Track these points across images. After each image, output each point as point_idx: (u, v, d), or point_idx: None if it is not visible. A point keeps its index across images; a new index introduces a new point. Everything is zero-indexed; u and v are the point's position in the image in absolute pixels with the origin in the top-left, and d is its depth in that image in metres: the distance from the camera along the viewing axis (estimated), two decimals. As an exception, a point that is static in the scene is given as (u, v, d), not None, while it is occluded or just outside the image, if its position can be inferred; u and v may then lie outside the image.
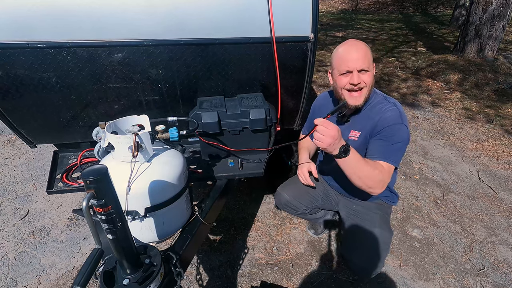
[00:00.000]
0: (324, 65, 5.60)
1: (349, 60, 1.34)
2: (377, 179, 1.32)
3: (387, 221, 1.64)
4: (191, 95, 1.64)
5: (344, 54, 1.37)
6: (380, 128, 1.40)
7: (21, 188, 2.56)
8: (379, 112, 1.43)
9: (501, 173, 2.76)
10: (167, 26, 1.41)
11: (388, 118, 1.39)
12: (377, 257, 1.55)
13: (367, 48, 1.37)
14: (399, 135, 1.37)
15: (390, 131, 1.37)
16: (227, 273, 1.85)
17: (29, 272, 1.87)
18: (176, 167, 1.18)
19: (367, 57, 1.35)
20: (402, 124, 1.37)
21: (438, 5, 11.19)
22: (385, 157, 1.35)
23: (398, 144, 1.37)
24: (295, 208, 1.83)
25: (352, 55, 1.34)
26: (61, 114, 1.61)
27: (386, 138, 1.38)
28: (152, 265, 0.99)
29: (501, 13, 4.52)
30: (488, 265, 1.91)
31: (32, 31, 1.34)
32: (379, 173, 1.31)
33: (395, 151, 1.37)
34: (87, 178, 0.72)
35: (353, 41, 1.40)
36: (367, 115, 1.47)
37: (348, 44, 1.39)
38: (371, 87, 1.41)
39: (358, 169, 1.28)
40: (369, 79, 1.37)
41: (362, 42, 1.39)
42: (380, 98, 1.48)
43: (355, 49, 1.35)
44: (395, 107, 1.43)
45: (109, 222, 0.80)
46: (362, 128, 1.48)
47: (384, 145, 1.38)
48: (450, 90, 4.46)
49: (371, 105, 1.47)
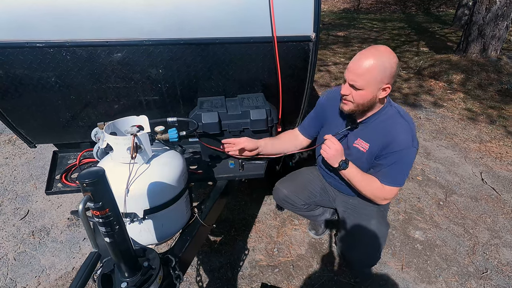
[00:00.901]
0: (326, 65, 5.57)
1: (348, 69, 1.28)
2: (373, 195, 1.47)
3: (383, 215, 1.64)
4: (191, 95, 1.62)
5: (351, 61, 1.28)
6: (391, 150, 1.36)
7: (21, 187, 2.55)
8: (392, 130, 1.36)
9: (504, 175, 2.73)
10: (167, 25, 1.40)
11: (401, 142, 1.34)
12: (374, 249, 1.56)
13: (376, 66, 1.19)
14: (407, 160, 1.39)
15: (400, 156, 1.36)
16: (227, 275, 1.84)
17: (29, 273, 1.86)
18: (176, 168, 1.16)
19: (366, 77, 1.22)
20: (412, 148, 1.36)
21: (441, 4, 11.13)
22: (389, 181, 1.43)
23: (404, 167, 1.41)
24: (293, 203, 1.82)
25: (354, 66, 1.25)
26: (61, 114, 1.59)
27: (394, 162, 1.38)
28: (151, 268, 0.98)
29: (504, 12, 4.48)
30: (492, 268, 1.89)
31: (31, 30, 1.33)
32: (377, 189, 1.45)
33: (399, 174, 1.42)
34: (84, 181, 0.71)
35: (369, 52, 1.24)
36: (379, 128, 1.40)
37: (362, 53, 1.26)
38: (362, 106, 1.32)
39: (356, 181, 1.46)
40: (359, 97, 1.28)
41: (378, 57, 1.20)
42: (393, 112, 1.40)
43: (360, 62, 1.23)
44: (409, 127, 1.36)
45: (107, 225, 0.79)
46: (371, 141, 1.43)
47: (390, 168, 1.40)
48: (453, 90, 4.42)
49: (383, 118, 1.40)
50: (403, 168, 1.40)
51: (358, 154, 1.47)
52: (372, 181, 1.45)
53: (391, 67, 1.21)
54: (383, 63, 1.20)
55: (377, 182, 1.45)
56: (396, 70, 1.24)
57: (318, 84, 4.77)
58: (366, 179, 1.46)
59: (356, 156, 1.48)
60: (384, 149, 1.39)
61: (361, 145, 1.46)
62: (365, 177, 1.46)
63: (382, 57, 1.20)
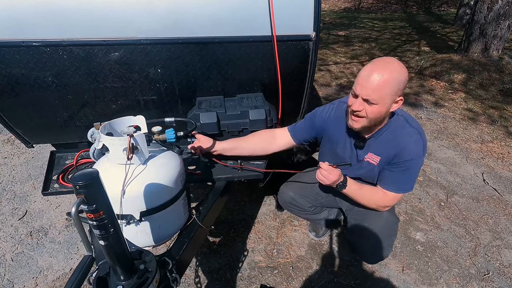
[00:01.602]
0: (326, 64, 5.55)
1: (360, 83, 1.19)
2: (376, 205, 1.47)
3: (392, 208, 1.61)
4: (190, 95, 1.60)
5: (362, 74, 1.20)
6: (401, 160, 1.35)
7: (20, 187, 2.54)
8: (403, 140, 1.33)
9: (506, 175, 2.71)
10: (165, 24, 1.38)
11: (412, 152, 1.32)
12: (384, 241, 1.54)
13: (390, 79, 1.15)
14: (415, 168, 1.37)
15: (409, 165, 1.35)
16: (226, 276, 1.82)
17: (26, 274, 1.84)
18: (173, 169, 1.15)
19: (382, 90, 1.16)
20: (422, 157, 1.35)
21: (442, 3, 11.08)
22: (395, 188, 1.42)
23: (412, 175, 1.39)
24: (300, 205, 1.79)
25: (367, 80, 1.17)
26: (58, 113, 1.58)
27: (402, 170, 1.37)
28: (147, 271, 0.96)
29: (506, 12, 4.44)
30: (493, 270, 1.86)
31: (27, 29, 1.31)
32: (379, 200, 1.45)
33: (407, 181, 1.41)
34: (77, 183, 0.69)
35: (383, 63, 1.19)
36: (387, 139, 1.37)
37: (374, 66, 1.18)
38: (375, 121, 1.27)
39: (356, 197, 1.46)
40: (373, 112, 1.21)
41: (392, 69, 1.16)
42: (401, 121, 1.36)
43: (374, 75, 1.16)
44: (419, 136, 1.33)
45: (101, 228, 0.77)
46: (382, 153, 1.39)
47: (398, 176, 1.40)
48: (454, 90, 4.40)
49: (391, 128, 1.36)
50: (411, 176, 1.39)
51: (370, 166, 1.45)
52: (373, 192, 1.45)
53: (404, 79, 1.18)
54: (398, 76, 1.16)
55: (379, 191, 1.44)
56: (407, 81, 1.21)
57: (319, 84, 4.75)
58: (367, 193, 1.45)
59: (368, 169, 1.46)
60: (394, 158, 1.36)
61: (372, 159, 1.43)
62: (365, 191, 1.45)
63: (395, 70, 1.17)
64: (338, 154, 1.53)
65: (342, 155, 1.52)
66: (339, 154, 1.53)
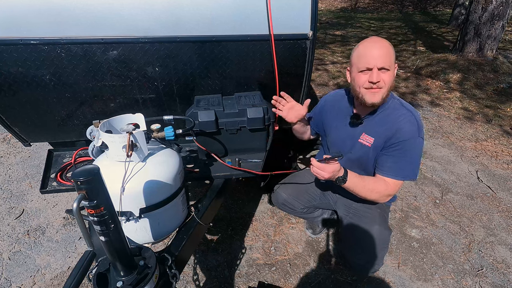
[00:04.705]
0: (323, 64, 5.57)
1: (369, 57, 1.26)
2: (378, 195, 1.41)
3: (386, 219, 1.63)
4: (188, 93, 1.61)
5: (365, 51, 1.29)
6: (396, 141, 1.35)
7: (16, 186, 2.53)
8: (396, 122, 1.36)
9: (500, 173, 2.75)
10: (163, 22, 1.38)
11: (406, 132, 1.33)
12: (376, 255, 1.55)
13: (390, 46, 1.29)
14: (413, 150, 1.35)
15: (405, 146, 1.34)
16: (224, 274, 1.83)
17: (24, 272, 1.84)
18: (172, 166, 1.16)
19: (389, 55, 1.27)
20: (418, 138, 1.34)
21: (438, 4, 11.18)
22: (394, 174, 1.39)
23: (412, 158, 1.37)
24: (293, 207, 1.82)
25: (373, 52, 1.26)
26: (56, 112, 1.58)
27: (399, 153, 1.36)
28: (147, 267, 0.97)
29: (500, 12, 4.50)
30: (487, 265, 1.90)
31: (25, 27, 1.31)
32: (382, 189, 1.40)
33: (407, 166, 1.37)
34: (78, 179, 0.70)
35: (376, 38, 1.33)
36: (383, 121, 1.40)
37: (370, 40, 1.31)
38: (390, 88, 1.32)
39: (358, 190, 1.39)
40: (389, 78, 1.29)
41: (385, 40, 1.30)
42: (396, 104, 1.41)
43: (377, 46, 1.27)
44: (413, 117, 1.36)
45: (101, 224, 0.78)
46: (376, 134, 1.41)
47: (396, 161, 1.37)
48: (450, 90, 4.44)
49: (387, 111, 1.40)
50: (409, 160, 1.36)
51: (364, 149, 1.45)
52: (374, 182, 1.42)
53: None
54: (389, 43, 1.30)
55: (380, 181, 1.41)
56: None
57: (316, 84, 4.77)
58: (368, 184, 1.41)
59: (362, 152, 1.46)
60: (389, 141, 1.37)
61: (366, 140, 1.44)
62: (367, 182, 1.41)
63: (385, 40, 1.32)
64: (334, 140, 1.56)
65: (336, 139, 1.55)
66: (334, 139, 1.56)
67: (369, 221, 1.56)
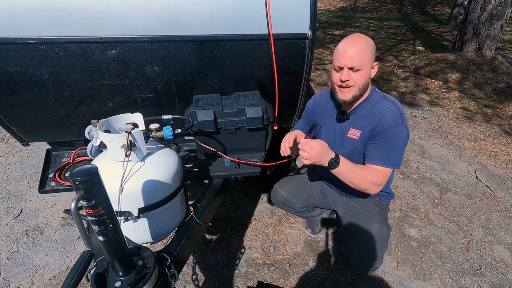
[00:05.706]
0: (323, 63, 5.57)
1: (341, 55, 1.31)
2: (370, 183, 1.40)
3: (385, 217, 1.64)
4: (186, 92, 1.61)
5: (340, 49, 1.33)
6: (380, 130, 1.38)
7: (15, 186, 2.52)
8: (379, 113, 1.40)
9: (498, 173, 2.76)
10: (162, 22, 1.38)
11: (389, 120, 1.37)
12: (376, 253, 1.56)
13: (366, 45, 1.30)
14: (398, 138, 1.38)
15: (390, 134, 1.37)
16: (224, 273, 1.83)
17: (22, 272, 1.84)
18: (171, 166, 1.15)
19: (362, 55, 1.28)
20: (402, 126, 1.37)
21: (437, 3, 11.18)
22: (383, 161, 1.40)
23: (397, 146, 1.39)
24: (291, 205, 1.82)
25: (346, 51, 1.30)
26: (54, 111, 1.57)
27: (386, 141, 1.38)
28: (145, 267, 0.97)
29: (499, 12, 4.51)
30: (486, 265, 1.90)
31: (23, 26, 1.31)
32: (373, 177, 1.39)
33: (394, 154, 1.40)
34: (76, 179, 0.70)
35: (355, 36, 1.35)
36: (367, 115, 1.44)
37: (348, 39, 1.34)
38: (363, 87, 1.35)
39: (350, 176, 1.37)
40: (360, 78, 1.32)
41: (364, 38, 1.32)
42: (379, 97, 1.45)
43: (351, 45, 1.30)
44: (395, 106, 1.40)
45: (100, 224, 0.78)
46: (362, 127, 1.45)
47: (383, 149, 1.40)
48: (449, 89, 4.45)
49: (371, 105, 1.44)
50: (395, 147, 1.38)
51: (352, 143, 1.49)
52: (366, 169, 1.41)
53: (374, 45, 1.34)
54: (369, 42, 1.32)
55: (370, 169, 1.40)
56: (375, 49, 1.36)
57: (315, 83, 4.77)
58: (360, 171, 1.39)
59: (351, 146, 1.49)
60: (374, 130, 1.40)
61: (354, 134, 1.48)
62: (359, 169, 1.40)
63: (365, 39, 1.33)
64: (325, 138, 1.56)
65: (327, 137, 1.56)
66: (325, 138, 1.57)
67: (368, 220, 1.58)
